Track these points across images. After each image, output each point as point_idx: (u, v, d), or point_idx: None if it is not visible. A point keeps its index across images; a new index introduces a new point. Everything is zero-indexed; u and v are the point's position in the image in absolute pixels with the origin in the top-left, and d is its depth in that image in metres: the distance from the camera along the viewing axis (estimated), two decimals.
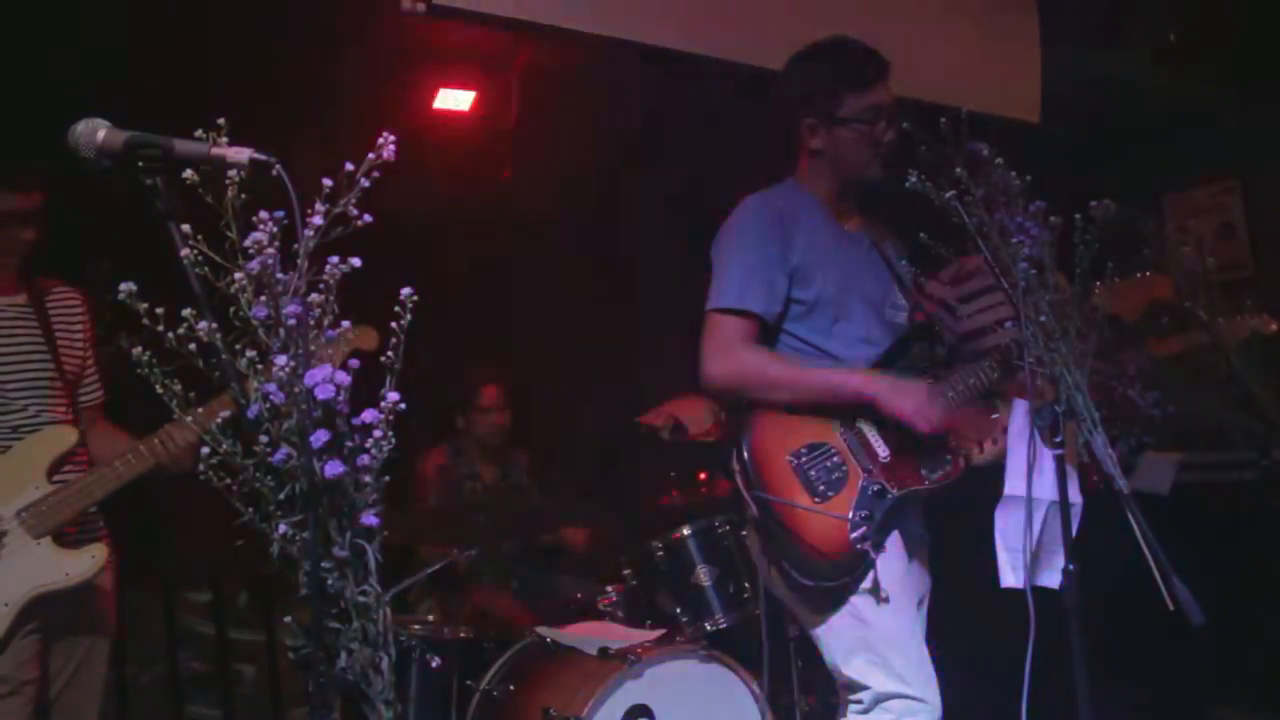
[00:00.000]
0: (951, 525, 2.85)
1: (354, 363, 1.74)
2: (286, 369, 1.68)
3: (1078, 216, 2.34)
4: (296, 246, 1.70)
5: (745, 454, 2.62)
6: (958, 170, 2.31)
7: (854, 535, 2.56)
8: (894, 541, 2.65)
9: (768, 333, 2.73)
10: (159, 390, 1.75)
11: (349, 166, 1.74)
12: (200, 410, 1.74)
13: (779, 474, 2.61)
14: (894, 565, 2.63)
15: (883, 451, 2.66)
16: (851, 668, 2.61)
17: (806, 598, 2.65)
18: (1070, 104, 5.01)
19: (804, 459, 2.61)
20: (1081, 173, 4.54)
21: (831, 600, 2.61)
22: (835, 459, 2.63)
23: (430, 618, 3.91)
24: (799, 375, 2.68)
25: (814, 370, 2.69)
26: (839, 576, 2.58)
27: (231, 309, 1.71)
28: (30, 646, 2.76)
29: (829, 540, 2.57)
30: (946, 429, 2.67)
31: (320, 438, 1.69)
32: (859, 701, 2.61)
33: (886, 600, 2.57)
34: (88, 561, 2.75)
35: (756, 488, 2.59)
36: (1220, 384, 3.93)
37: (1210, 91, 4.80)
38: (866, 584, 2.58)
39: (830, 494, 2.59)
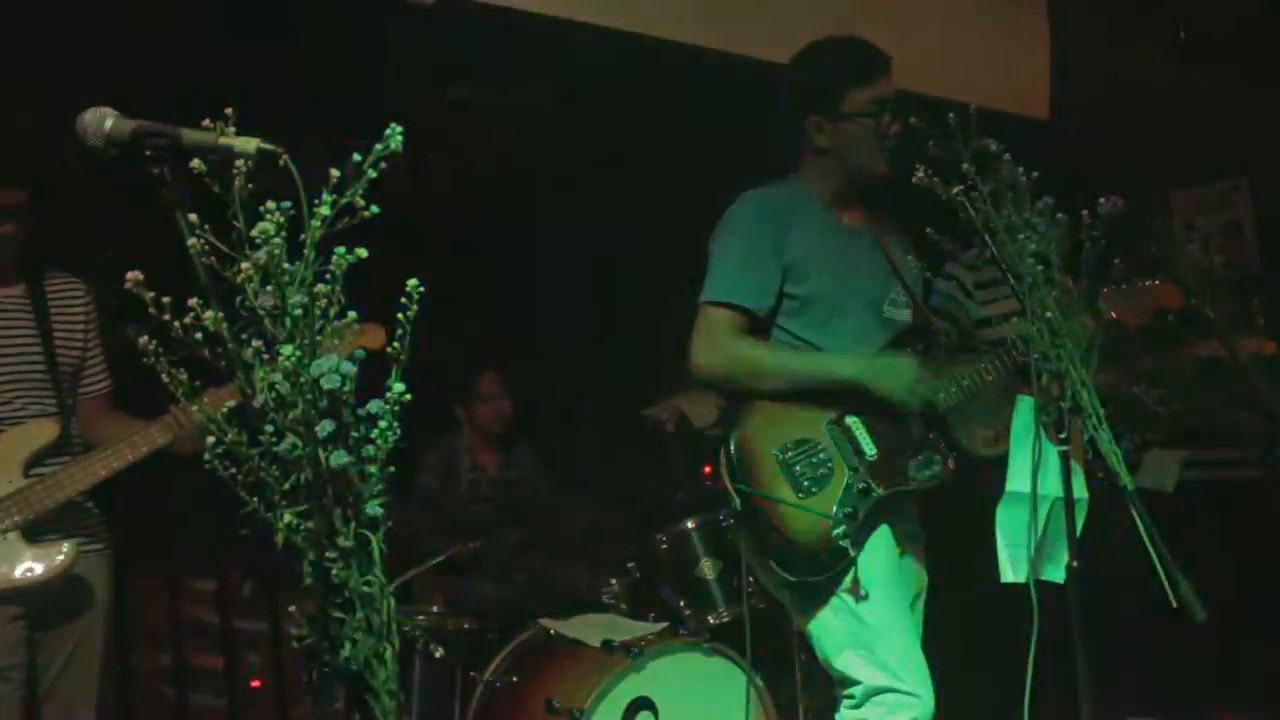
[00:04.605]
0: (953, 522, 2.85)
1: (359, 352, 1.74)
2: (292, 359, 1.68)
3: (1085, 213, 2.34)
4: (303, 236, 1.71)
5: (732, 447, 2.65)
6: (965, 166, 2.31)
7: (835, 532, 2.57)
8: (883, 538, 2.66)
9: (759, 327, 2.74)
10: (165, 379, 1.75)
11: (356, 157, 1.74)
12: (205, 398, 1.74)
13: (765, 468, 2.62)
14: (882, 561, 2.64)
15: (870, 450, 2.67)
16: (842, 662, 2.62)
17: (795, 593, 2.67)
18: (1078, 100, 5.00)
19: (790, 454, 2.63)
20: (1089, 169, 4.53)
21: (820, 596, 2.62)
22: (822, 455, 2.64)
23: (435, 609, 3.92)
24: (786, 362, 2.69)
25: (802, 356, 2.70)
26: (821, 572, 2.59)
27: (238, 298, 1.71)
28: (15, 633, 2.75)
29: (811, 536, 2.58)
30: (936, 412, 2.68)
31: (326, 428, 1.69)
32: (851, 696, 2.62)
33: (873, 596, 2.58)
34: (55, 559, 2.72)
35: (742, 481, 2.61)
36: (1226, 381, 3.92)
37: (1219, 89, 4.79)
38: (852, 580, 2.58)
39: (815, 490, 2.61)
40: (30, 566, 2.70)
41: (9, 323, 2.91)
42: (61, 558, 2.73)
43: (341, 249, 1.71)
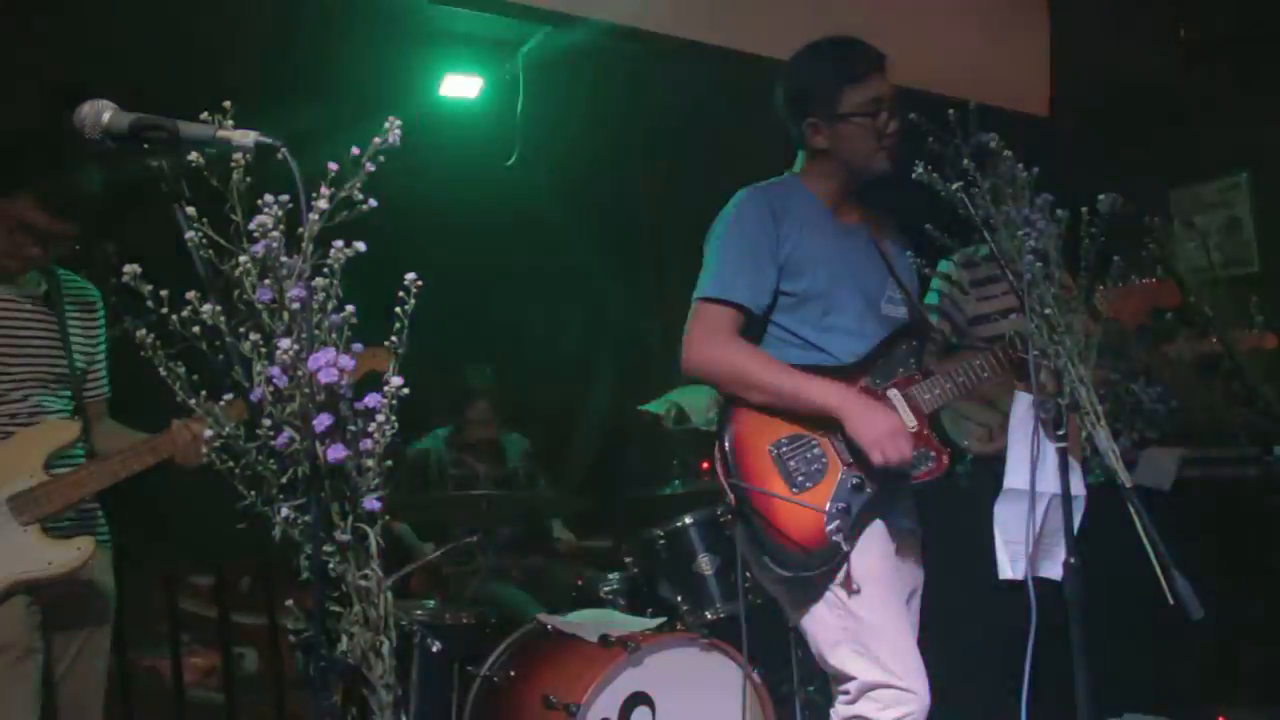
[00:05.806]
0: (951, 520, 2.85)
1: (357, 346, 1.74)
2: (290, 352, 1.68)
3: (1084, 210, 2.34)
4: (301, 230, 1.70)
5: (726, 442, 2.64)
6: (965, 162, 2.31)
7: (829, 527, 2.57)
8: (878, 534, 2.65)
9: (754, 324, 2.73)
10: (163, 373, 1.75)
11: (355, 151, 1.74)
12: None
13: (759, 463, 2.62)
14: (876, 557, 2.63)
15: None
16: (837, 658, 2.61)
17: (790, 588, 2.66)
18: (1078, 97, 5.00)
19: (784, 449, 2.62)
20: (1089, 166, 4.53)
21: (814, 591, 2.62)
22: (816, 450, 2.63)
23: (432, 602, 3.93)
24: (774, 378, 2.64)
25: (790, 375, 2.66)
26: (815, 567, 2.58)
27: (236, 292, 1.71)
28: (36, 616, 2.77)
29: (805, 531, 2.58)
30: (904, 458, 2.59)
31: (323, 421, 1.69)
32: (846, 692, 2.61)
33: (868, 591, 2.57)
34: (72, 553, 2.74)
35: (736, 476, 2.60)
36: (1224, 379, 3.93)
37: (1219, 87, 4.79)
38: (845, 575, 2.58)
39: (809, 485, 2.60)
40: (49, 559, 2.73)
41: (31, 324, 2.92)
42: (79, 552, 2.75)
43: (339, 243, 1.71)
